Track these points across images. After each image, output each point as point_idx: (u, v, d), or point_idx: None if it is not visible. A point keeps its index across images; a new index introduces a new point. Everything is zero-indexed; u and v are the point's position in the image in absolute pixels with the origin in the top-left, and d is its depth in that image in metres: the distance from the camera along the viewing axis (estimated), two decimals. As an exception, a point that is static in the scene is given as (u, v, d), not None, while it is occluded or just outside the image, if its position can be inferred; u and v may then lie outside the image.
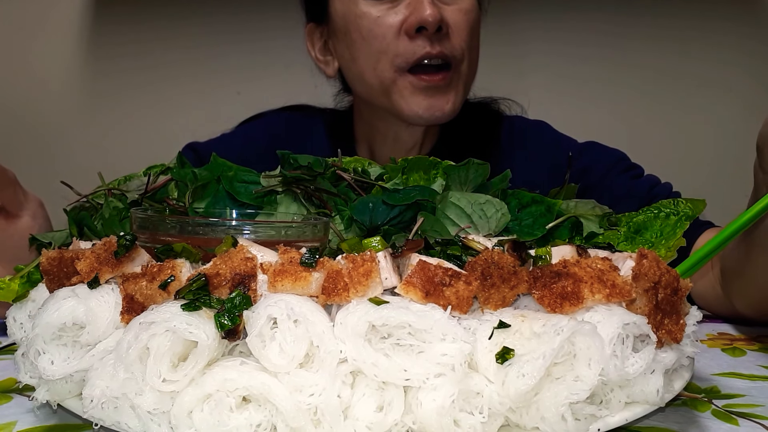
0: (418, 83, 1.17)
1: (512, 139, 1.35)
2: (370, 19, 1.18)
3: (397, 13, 1.16)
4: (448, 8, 1.18)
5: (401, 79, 1.18)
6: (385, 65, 1.18)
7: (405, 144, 1.31)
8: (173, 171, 0.87)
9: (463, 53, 1.19)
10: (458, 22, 1.18)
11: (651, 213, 0.84)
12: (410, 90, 1.18)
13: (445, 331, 0.52)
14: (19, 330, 0.66)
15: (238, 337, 0.55)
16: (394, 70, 1.18)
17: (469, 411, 0.52)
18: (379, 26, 1.17)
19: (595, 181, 1.19)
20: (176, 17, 2.08)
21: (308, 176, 0.83)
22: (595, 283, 0.57)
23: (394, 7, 1.17)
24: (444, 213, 0.79)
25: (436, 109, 1.19)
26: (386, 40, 1.17)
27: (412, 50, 1.15)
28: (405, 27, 1.15)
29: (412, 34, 1.15)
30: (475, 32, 1.23)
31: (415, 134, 1.30)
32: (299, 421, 0.51)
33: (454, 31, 1.18)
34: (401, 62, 1.17)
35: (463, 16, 1.18)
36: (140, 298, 0.57)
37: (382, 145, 1.33)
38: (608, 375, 0.52)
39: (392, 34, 1.16)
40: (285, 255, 0.58)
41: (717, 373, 0.77)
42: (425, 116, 1.20)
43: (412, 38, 1.15)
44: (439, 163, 0.89)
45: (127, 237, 0.61)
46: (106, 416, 0.53)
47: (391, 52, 1.17)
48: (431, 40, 1.15)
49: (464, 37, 1.19)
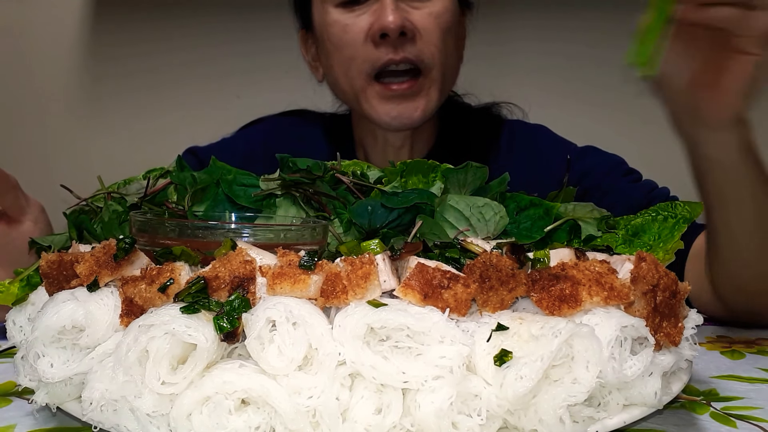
0: (385, 92, 1.19)
1: (512, 143, 1.35)
2: (339, 27, 1.19)
3: (364, 20, 1.17)
4: (416, 12, 1.17)
5: (370, 88, 1.19)
6: (355, 72, 1.19)
7: (393, 144, 1.31)
8: (172, 174, 0.87)
9: (434, 57, 1.18)
10: (428, 26, 1.17)
11: (649, 216, 0.85)
12: (378, 99, 1.20)
13: (443, 334, 0.52)
14: (19, 333, 0.66)
15: (237, 340, 0.55)
16: (363, 78, 1.19)
17: (467, 413, 0.52)
18: (347, 33, 1.18)
19: (594, 185, 1.20)
20: (176, 21, 2.08)
21: (307, 179, 0.83)
22: (594, 286, 0.57)
23: (362, 14, 1.18)
24: (442, 216, 0.79)
25: (404, 117, 1.20)
26: (354, 47, 1.18)
27: (377, 56, 1.16)
28: (370, 34, 1.16)
29: (377, 40, 1.15)
30: (450, 35, 1.21)
31: (400, 135, 1.30)
32: (298, 423, 0.51)
33: (422, 36, 1.17)
34: (368, 68, 1.18)
35: (434, 19, 1.17)
36: (139, 301, 0.57)
37: (374, 146, 1.34)
38: (606, 377, 0.52)
39: (360, 41, 1.17)
40: (284, 258, 0.58)
41: (716, 375, 0.77)
42: (394, 124, 1.21)
43: (377, 45, 1.16)
44: (437, 166, 0.89)
45: (126, 240, 0.62)
46: (106, 419, 0.53)
47: (359, 59, 1.18)
48: (395, 46, 1.15)
49: (434, 41, 1.18)
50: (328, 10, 1.20)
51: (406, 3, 1.17)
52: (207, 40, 2.07)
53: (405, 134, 1.30)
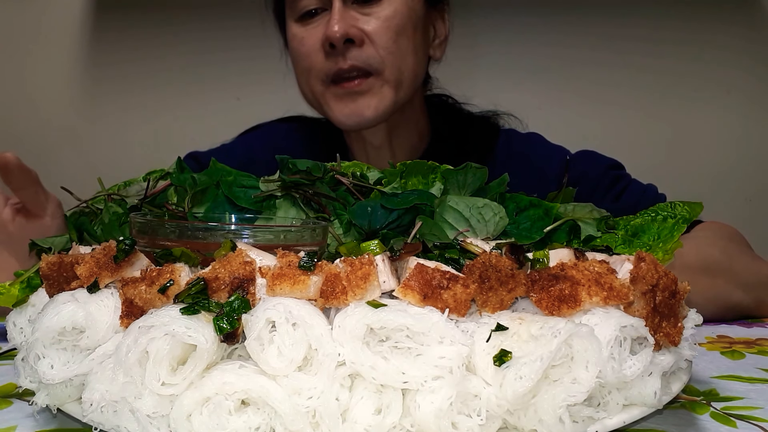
0: (339, 91, 1.25)
1: (509, 152, 1.38)
2: (297, 40, 1.28)
3: (318, 32, 1.24)
4: (365, 18, 1.23)
5: (327, 91, 1.27)
6: (313, 80, 1.28)
7: (372, 143, 1.36)
8: (172, 176, 0.87)
9: (384, 60, 1.23)
10: (378, 31, 1.22)
11: (648, 216, 0.85)
12: (334, 99, 1.26)
13: (443, 334, 0.52)
14: (19, 335, 0.66)
15: (237, 341, 0.55)
16: (320, 84, 1.27)
17: (467, 413, 0.52)
18: (303, 45, 1.27)
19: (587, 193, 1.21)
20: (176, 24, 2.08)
21: (307, 181, 0.83)
22: (593, 286, 0.57)
23: (316, 26, 1.25)
24: (442, 217, 0.79)
25: (356, 115, 1.26)
26: (310, 58, 1.26)
27: (328, 66, 1.24)
28: (322, 44, 1.23)
29: (327, 50, 1.22)
30: (404, 36, 1.25)
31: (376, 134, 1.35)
32: (298, 424, 0.51)
33: (373, 40, 1.22)
34: (323, 76, 1.25)
35: (383, 23, 1.23)
36: (139, 302, 0.57)
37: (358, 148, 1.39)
38: (606, 377, 0.52)
39: (314, 52, 1.25)
40: (283, 259, 0.58)
41: (716, 375, 0.77)
42: (348, 122, 1.27)
43: (327, 54, 1.23)
44: (437, 167, 0.89)
45: (126, 242, 0.62)
46: (106, 420, 0.53)
47: (315, 69, 1.26)
48: (343, 54, 1.22)
49: (384, 44, 1.23)
50: (290, 25, 1.29)
51: (355, 10, 1.23)
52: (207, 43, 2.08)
53: (381, 134, 1.35)
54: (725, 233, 1.15)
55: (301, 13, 1.26)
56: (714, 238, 1.11)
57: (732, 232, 1.16)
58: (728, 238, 1.13)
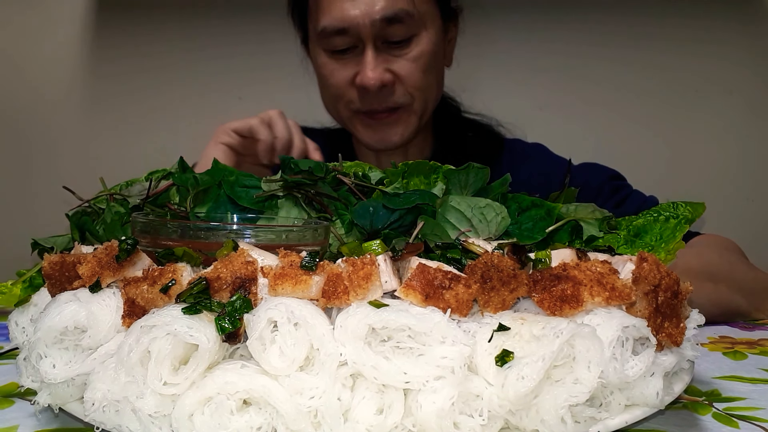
0: (368, 121, 1.34)
1: (513, 163, 1.40)
2: (327, 70, 1.33)
3: (348, 70, 1.30)
4: (397, 60, 1.28)
5: (355, 117, 1.35)
6: (341, 106, 1.35)
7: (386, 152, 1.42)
8: (174, 176, 0.87)
9: (413, 96, 1.32)
10: (409, 72, 1.29)
11: (651, 216, 0.84)
12: (362, 126, 1.35)
13: (444, 334, 0.52)
14: (21, 334, 0.66)
15: (239, 341, 0.55)
16: (348, 111, 1.35)
17: (468, 413, 0.52)
18: (333, 78, 1.33)
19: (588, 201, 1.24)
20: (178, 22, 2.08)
21: (309, 180, 0.83)
22: (595, 286, 0.57)
23: (347, 62, 1.30)
24: (444, 217, 0.79)
25: (384, 141, 1.36)
26: (340, 89, 1.33)
27: (362, 104, 1.31)
28: (354, 83, 1.30)
29: (361, 92, 1.29)
30: (431, 71, 1.33)
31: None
32: (299, 423, 0.51)
33: (404, 80, 1.29)
34: (353, 107, 1.33)
35: (413, 64, 1.29)
36: (141, 301, 0.57)
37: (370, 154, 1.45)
38: (608, 377, 0.52)
39: (345, 85, 1.32)
40: (285, 259, 0.58)
41: (718, 376, 0.77)
42: (377, 146, 1.37)
43: (361, 94, 1.30)
44: (439, 167, 0.89)
45: (128, 241, 0.62)
46: (108, 419, 0.53)
47: (345, 99, 1.33)
48: (377, 98, 1.30)
49: (414, 83, 1.31)
50: (318, 51, 1.34)
51: (387, 53, 1.28)
52: (209, 42, 2.08)
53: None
54: (723, 244, 1.21)
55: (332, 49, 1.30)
56: (713, 248, 1.17)
57: (729, 243, 1.22)
58: (726, 248, 1.19)
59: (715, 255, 1.15)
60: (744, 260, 1.20)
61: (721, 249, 1.19)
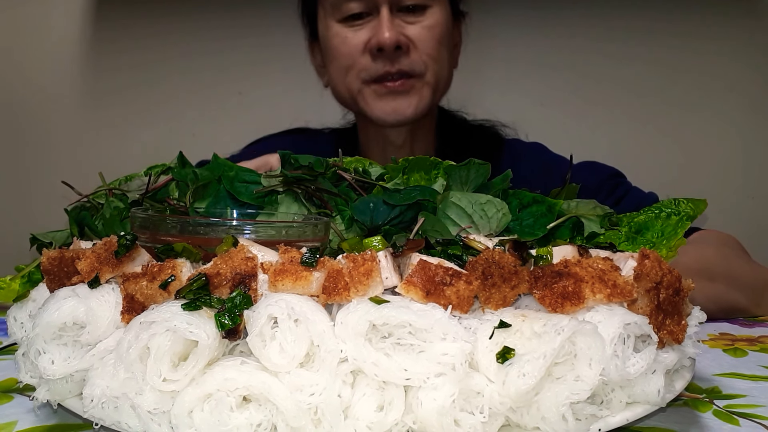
0: (381, 89, 1.33)
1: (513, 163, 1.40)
2: (339, 39, 1.34)
3: (362, 34, 1.31)
4: (411, 27, 1.31)
5: (366, 89, 1.34)
6: (352, 78, 1.34)
7: (394, 143, 1.42)
8: (174, 171, 0.87)
9: (426, 65, 1.32)
10: (422, 38, 1.31)
11: (652, 213, 0.84)
12: (374, 96, 1.34)
13: (445, 331, 0.52)
14: (20, 329, 0.66)
15: (239, 337, 0.55)
16: (360, 82, 1.34)
17: (469, 411, 0.52)
18: (346, 45, 1.33)
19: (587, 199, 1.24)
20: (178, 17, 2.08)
21: (309, 176, 0.83)
22: (597, 283, 0.57)
23: (360, 28, 1.31)
24: (445, 213, 0.78)
25: (398, 113, 1.34)
26: (353, 57, 1.32)
27: (375, 68, 1.31)
28: (368, 47, 1.30)
29: (374, 53, 1.29)
30: (443, 44, 1.34)
31: (401, 133, 1.41)
32: (300, 420, 0.51)
33: (417, 47, 1.31)
34: (365, 76, 1.33)
35: (427, 32, 1.31)
36: (141, 297, 0.57)
37: (375, 146, 1.45)
38: (609, 375, 0.52)
39: (358, 52, 1.32)
40: (285, 255, 0.58)
41: (718, 373, 0.77)
42: (389, 119, 1.34)
43: (374, 57, 1.30)
44: (440, 163, 0.89)
45: (127, 237, 0.62)
46: (107, 416, 0.53)
47: (357, 68, 1.33)
48: (391, 59, 1.29)
49: (428, 50, 1.32)
50: (330, 24, 1.35)
51: (401, 18, 1.30)
52: (209, 37, 2.07)
53: (404, 133, 1.41)
54: (722, 240, 1.20)
55: (346, 15, 1.32)
56: (712, 244, 1.16)
57: (729, 239, 1.22)
58: (725, 244, 1.19)
59: (712, 251, 1.14)
60: (743, 256, 1.20)
61: (719, 245, 1.18)
